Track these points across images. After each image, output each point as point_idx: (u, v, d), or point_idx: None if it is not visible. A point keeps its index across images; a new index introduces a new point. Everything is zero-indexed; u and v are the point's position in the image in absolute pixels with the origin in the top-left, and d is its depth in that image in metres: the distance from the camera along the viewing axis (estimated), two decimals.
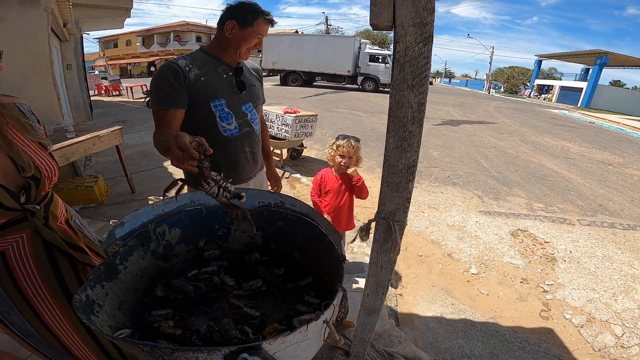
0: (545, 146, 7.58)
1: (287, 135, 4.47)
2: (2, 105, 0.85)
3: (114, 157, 4.11)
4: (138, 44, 40.33)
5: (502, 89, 38.28)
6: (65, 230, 0.93)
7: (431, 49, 0.67)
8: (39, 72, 3.91)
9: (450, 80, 57.41)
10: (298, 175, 4.63)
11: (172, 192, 0.93)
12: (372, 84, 17.84)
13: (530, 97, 30.41)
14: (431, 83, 39.31)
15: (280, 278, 1.10)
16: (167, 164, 4.58)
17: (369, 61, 17.46)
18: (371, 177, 4.70)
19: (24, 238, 0.84)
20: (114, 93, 15.99)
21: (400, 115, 0.69)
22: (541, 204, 4.18)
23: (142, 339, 0.77)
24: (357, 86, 18.09)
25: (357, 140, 2.00)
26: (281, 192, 1.55)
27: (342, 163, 1.97)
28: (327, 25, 36.18)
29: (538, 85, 31.28)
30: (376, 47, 20.84)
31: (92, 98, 8.96)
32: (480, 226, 3.47)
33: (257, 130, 1.47)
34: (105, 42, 40.29)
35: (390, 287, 2.30)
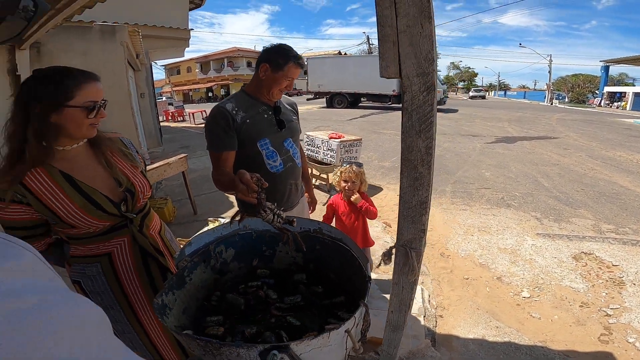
0: (618, 161, 6.86)
1: (332, 160, 4.65)
2: (110, 139, 1.16)
3: (179, 181, 4.63)
4: (197, 70, 43.74)
5: (566, 99, 35.17)
6: (154, 238, 1.19)
7: (434, 97, 0.79)
8: (119, 103, 4.45)
9: (505, 93, 54.25)
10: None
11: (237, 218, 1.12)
12: None
13: (600, 105, 27.52)
14: (483, 97, 37.43)
15: (319, 296, 1.23)
16: None
17: None
18: None
19: (125, 242, 1.11)
20: (178, 119, 17.34)
21: (411, 158, 0.81)
22: (611, 225, 3.81)
23: None
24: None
25: (360, 165, 2.16)
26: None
27: (346, 187, 2.13)
28: (369, 44, 36.52)
29: (608, 92, 28.21)
30: None
31: (160, 124, 10.03)
32: (537, 249, 3.28)
33: (298, 164, 1.65)
34: (169, 69, 43.92)
35: (430, 308, 2.30)
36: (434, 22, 0.81)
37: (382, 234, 3.51)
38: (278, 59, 1.44)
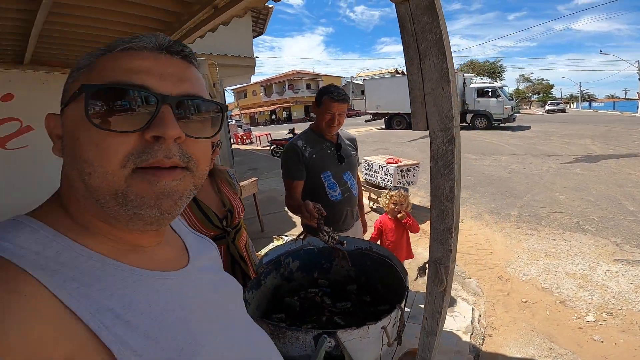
0: None
1: (389, 184, 4.78)
2: (221, 170, 1.57)
3: (250, 201, 5.17)
4: (261, 93, 46.03)
5: None
6: (241, 248, 1.55)
7: (454, 147, 1.00)
8: None
9: (590, 104, 48.16)
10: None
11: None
12: (484, 121, 16.63)
13: None
14: (563, 110, 33.77)
15: (367, 304, 1.47)
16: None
17: (477, 96, 16.42)
18: (478, 224, 4.56)
19: (222, 250, 1.47)
20: (247, 141, 18.49)
21: (438, 195, 1.03)
22: None
23: None
24: (467, 124, 16.90)
25: (406, 190, 2.53)
26: None
27: (396, 209, 2.49)
28: None
29: None
30: (485, 80, 19.50)
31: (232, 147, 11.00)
32: (612, 275, 3.06)
33: (355, 194, 1.91)
34: (237, 93, 46.04)
35: (478, 327, 2.32)
36: (452, 83, 1.04)
37: None
38: (318, 96, 1.75)
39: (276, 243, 2.83)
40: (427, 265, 1.11)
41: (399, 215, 2.47)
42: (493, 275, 3.18)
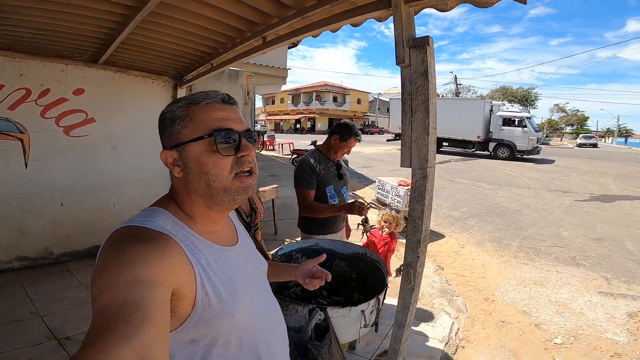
0: None
1: (399, 205, 5.07)
2: None
3: (267, 205, 5.59)
4: (289, 102, 46.70)
5: None
6: (259, 241, 1.93)
7: (427, 182, 1.36)
8: None
9: (626, 140, 46.12)
10: (403, 241, 5.15)
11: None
12: (507, 151, 16.44)
13: None
14: (595, 145, 32.64)
15: (358, 301, 1.83)
16: None
17: (503, 125, 16.15)
18: (478, 250, 4.82)
19: None
20: (269, 147, 18.83)
21: (414, 215, 1.40)
22: None
23: None
24: (489, 153, 16.70)
25: (398, 212, 2.84)
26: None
27: (384, 226, 2.68)
28: (457, 84, 33.76)
29: None
30: (514, 108, 19.21)
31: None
32: (591, 305, 3.29)
33: None
34: (266, 99, 46.67)
35: (454, 338, 2.61)
36: (432, 135, 1.41)
37: (432, 274, 3.83)
38: (344, 134, 2.20)
39: None
40: (402, 268, 1.47)
41: (383, 233, 2.65)
42: (480, 296, 3.45)
